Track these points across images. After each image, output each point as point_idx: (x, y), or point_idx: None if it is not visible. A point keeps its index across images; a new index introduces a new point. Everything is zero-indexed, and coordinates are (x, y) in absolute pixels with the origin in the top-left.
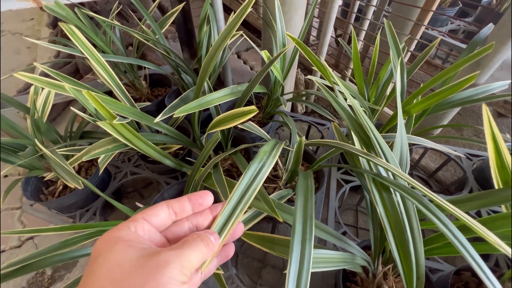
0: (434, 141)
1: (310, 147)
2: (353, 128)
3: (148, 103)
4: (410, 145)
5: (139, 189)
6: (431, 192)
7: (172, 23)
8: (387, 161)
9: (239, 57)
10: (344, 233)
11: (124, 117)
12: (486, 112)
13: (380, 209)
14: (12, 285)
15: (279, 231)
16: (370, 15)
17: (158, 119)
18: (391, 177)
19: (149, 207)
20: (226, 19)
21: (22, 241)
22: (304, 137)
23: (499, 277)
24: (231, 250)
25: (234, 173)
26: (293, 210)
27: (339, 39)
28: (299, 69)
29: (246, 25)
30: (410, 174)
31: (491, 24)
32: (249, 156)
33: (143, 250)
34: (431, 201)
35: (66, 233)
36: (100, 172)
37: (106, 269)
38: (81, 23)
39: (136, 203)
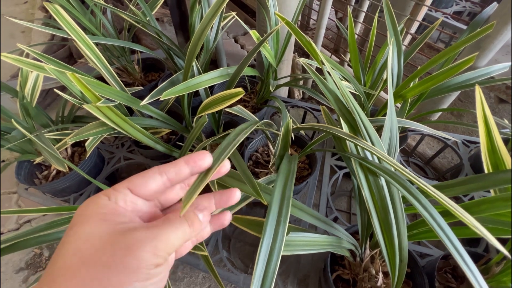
0: (432, 127)
1: (303, 132)
2: (339, 111)
3: (140, 87)
4: (406, 130)
5: (132, 174)
6: (414, 175)
7: (166, 5)
8: (372, 144)
9: (236, 41)
10: (335, 218)
11: (112, 101)
12: (479, 93)
13: (365, 193)
14: (11, 266)
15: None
16: None
17: (144, 102)
18: (376, 161)
19: (139, 173)
20: None
21: (20, 224)
22: (290, 121)
23: (487, 262)
24: (227, 218)
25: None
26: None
27: (336, 21)
28: (296, 54)
29: (244, 7)
30: (407, 161)
31: (494, 3)
32: (242, 141)
33: (118, 226)
34: (414, 184)
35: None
36: (87, 155)
37: (75, 244)
38: (67, 4)
39: None
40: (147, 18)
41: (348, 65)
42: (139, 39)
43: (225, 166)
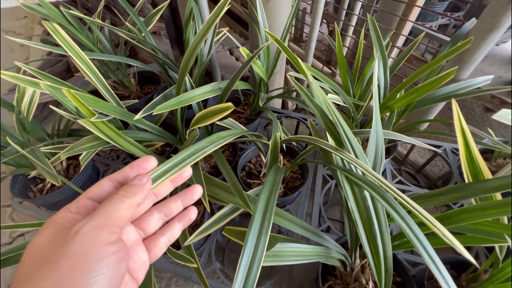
0: (422, 137)
1: (294, 143)
2: (324, 124)
3: (136, 100)
4: (395, 140)
5: None
6: (393, 188)
7: (163, 19)
8: (356, 156)
9: (231, 53)
10: (328, 228)
11: (106, 115)
12: (455, 107)
13: (351, 203)
14: (3, 280)
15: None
16: (357, 10)
17: (137, 117)
18: (360, 173)
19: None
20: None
21: (13, 238)
22: (278, 134)
23: (475, 270)
24: (193, 213)
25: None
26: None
27: (325, 34)
28: (289, 65)
29: (240, 21)
30: (398, 169)
31: (473, 18)
32: (236, 151)
33: (67, 227)
34: (390, 191)
35: None
36: (81, 169)
37: (28, 253)
38: (64, 21)
39: None
40: (143, 34)
41: (340, 76)
42: (136, 52)
43: (187, 171)
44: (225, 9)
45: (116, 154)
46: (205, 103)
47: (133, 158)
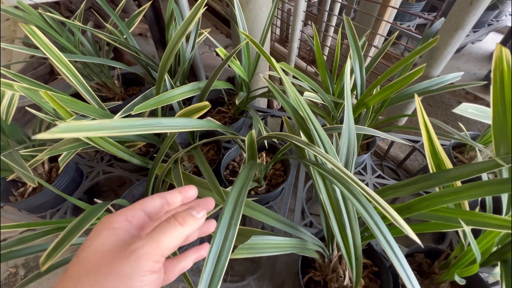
0: (402, 132)
1: (276, 140)
2: (296, 120)
3: (119, 102)
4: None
5: (114, 188)
6: (356, 180)
7: (146, 22)
8: (326, 150)
9: (217, 54)
10: (311, 223)
11: (86, 117)
12: (418, 102)
13: (323, 196)
14: None
15: (252, 223)
16: (337, 11)
17: (116, 117)
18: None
19: (145, 197)
20: None
21: None
22: (254, 131)
23: (447, 257)
24: (205, 249)
25: None
26: (246, 202)
27: (306, 35)
28: None
29: (226, 22)
30: (380, 165)
31: (442, 18)
32: (219, 149)
33: (124, 239)
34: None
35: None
36: (60, 170)
37: (86, 254)
38: (43, 24)
39: (109, 206)
40: (124, 36)
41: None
42: (121, 54)
43: (192, 191)
44: (201, 10)
45: (100, 156)
46: (190, 104)
47: (117, 159)
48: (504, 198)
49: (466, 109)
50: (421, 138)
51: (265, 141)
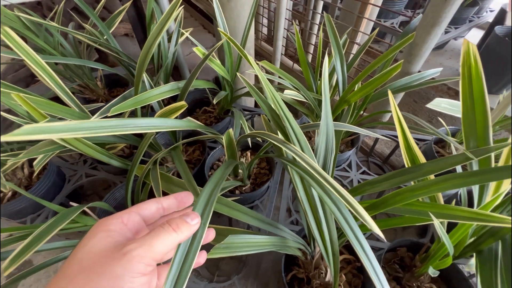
0: (387, 128)
1: (260, 139)
2: (272, 118)
3: (103, 104)
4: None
5: (99, 191)
6: (330, 179)
7: (129, 21)
8: (301, 148)
9: None
10: (297, 221)
11: (64, 119)
12: (391, 99)
13: (300, 193)
14: None
15: (239, 224)
16: (320, 9)
17: (93, 118)
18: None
19: (142, 202)
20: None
21: None
22: (231, 130)
23: (427, 250)
24: (202, 257)
25: (190, 169)
26: (223, 200)
27: (288, 33)
28: (259, 65)
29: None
30: (366, 161)
31: (420, 15)
32: (204, 149)
33: (118, 241)
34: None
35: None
36: (35, 173)
37: (80, 254)
38: (19, 25)
39: (86, 208)
40: (105, 37)
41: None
42: (106, 54)
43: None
44: (177, 11)
45: (84, 159)
46: None
47: (101, 162)
48: (476, 190)
49: (440, 104)
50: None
51: (249, 140)
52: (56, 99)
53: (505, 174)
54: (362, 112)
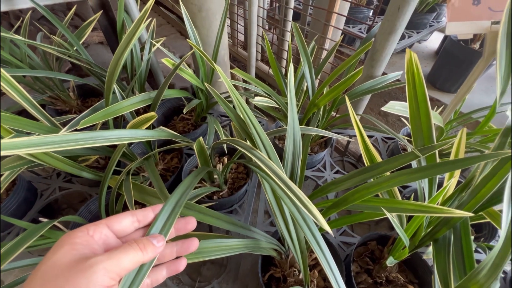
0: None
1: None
2: (239, 125)
3: (75, 115)
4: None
5: (74, 204)
6: (288, 182)
7: (101, 31)
8: (267, 153)
9: None
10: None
11: (29, 133)
12: (348, 104)
13: (269, 196)
14: None
15: (220, 231)
16: (290, 16)
17: (62, 132)
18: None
19: (115, 214)
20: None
21: None
22: (201, 138)
23: (394, 242)
24: (182, 264)
25: (168, 177)
26: (197, 207)
27: (261, 41)
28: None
29: None
30: (341, 160)
31: (379, 23)
32: (182, 156)
33: (83, 254)
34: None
35: None
36: (1, 190)
37: (43, 268)
38: None
39: (57, 223)
40: (75, 48)
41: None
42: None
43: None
44: (144, 24)
45: (57, 172)
46: None
47: (73, 175)
48: (425, 185)
49: (394, 106)
50: (375, 134)
51: (225, 146)
52: (26, 112)
53: (443, 169)
54: (335, 114)
